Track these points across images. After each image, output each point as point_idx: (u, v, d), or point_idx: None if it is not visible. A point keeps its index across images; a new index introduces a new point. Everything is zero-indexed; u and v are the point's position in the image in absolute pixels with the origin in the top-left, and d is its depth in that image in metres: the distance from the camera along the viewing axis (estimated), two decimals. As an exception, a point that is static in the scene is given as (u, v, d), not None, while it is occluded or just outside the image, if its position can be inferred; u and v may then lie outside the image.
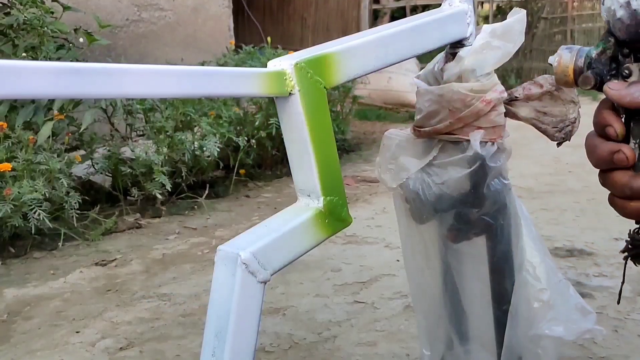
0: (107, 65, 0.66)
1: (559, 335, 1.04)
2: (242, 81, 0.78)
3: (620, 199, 0.68)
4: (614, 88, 0.66)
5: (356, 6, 8.17)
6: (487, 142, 1.03)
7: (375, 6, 9.04)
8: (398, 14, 9.25)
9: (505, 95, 1.04)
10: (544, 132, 1.08)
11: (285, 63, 0.81)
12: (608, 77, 0.69)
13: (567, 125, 1.07)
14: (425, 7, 8.03)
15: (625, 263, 0.74)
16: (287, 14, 8.37)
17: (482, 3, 9.80)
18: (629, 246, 0.73)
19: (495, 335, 1.13)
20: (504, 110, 1.05)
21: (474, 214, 1.06)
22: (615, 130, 0.66)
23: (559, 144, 1.07)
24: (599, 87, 0.69)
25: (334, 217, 0.86)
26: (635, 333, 1.51)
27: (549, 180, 3.30)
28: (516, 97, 1.09)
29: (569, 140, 1.07)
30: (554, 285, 1.05)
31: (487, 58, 1.03)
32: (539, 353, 1.07)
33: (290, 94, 0.81)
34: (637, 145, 0.67)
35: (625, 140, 0.68)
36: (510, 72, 8.72)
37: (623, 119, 0.68)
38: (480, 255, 1.10)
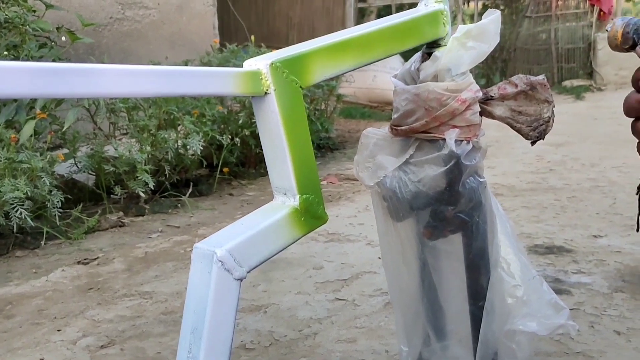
0: (82, 65, 0.67)
1: (532, 331, 1.06)
2: (218, 81, 0.79)
3: None
4: None
5: (341, 5, 8.19)
6: (462, 140, 1.05)
7: (360, 4, 9.05)
8: (384, 12, 9.26)
9: (480, 94, 1.06)
10: (518, 130, 1.10)
11: (261, 63, 0.82)
12: None
13: (542, 125, 1.09)
14: (412, 6, 8.06)
15: (639, 197, 0.86)
16: (273, 13, 8.37)
17: (469, 1, 9.84)
18: None
19: (471, 330, 1.15)
20: (479, 109, 1.07)
21: (450, 211, 1.07)
22: None
23: (533, 143, 1.09)
24: (636, 47, 0.84)
25: (310, 215, 0.87)
26: (611, 329, 1.53)
27: (531, 179, 3.33)
28: (491, 96, 1.11)
29: (543, 139, 1.09)
30: (528, 281, 1.07)
31: (462, 58, 1.05)
32: (514, 348, 1.09)
33: (266, 93, 0.82)
34: None
35: None
36: (495, 71, 8.77)
37: None
38: (457, 252, 1.12)
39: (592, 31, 7.96)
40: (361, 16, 9.07)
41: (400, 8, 8.75)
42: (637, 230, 0.93)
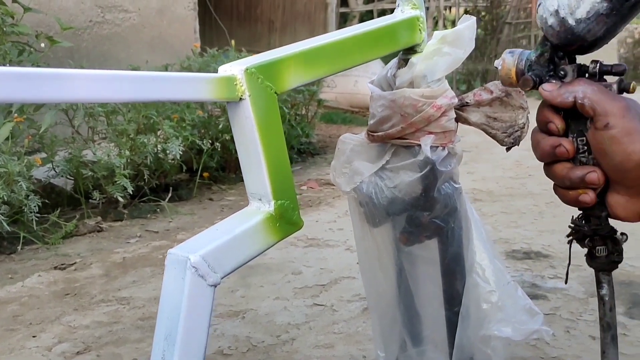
0: (55, 71, 0.66)
1: (507, 336, 1.06)
2: (193, 86, 0.79)
3: (561, 189, 0.74)
4: (547, 89, 0.72)
5: (323, 9, 8.21)
6: (437, 146, 1.05)
7: (342, 9, 9.08)
8: (367, 17, 9.30)
9: (455, 101, 1.07)
10: (493, 137, 1.11)
11: (235, 68, 0.82)
12: (547, 78, 0.75)
13: (516, 131, 1.10)
14: (394, 11, 8.07)
15: (570, 246, 0.79)
16: (255, 17, 8.37)
17: (450, 7, 9.90)
18: (572, 231, 0.78)
19: (447, 336, 1.15)
20: (455, 116, 1.08)
21: (425, 217, 1.08)
22: (556, 125, 0.72)
23: (508, 149, 1.10)
24: (538, 87, 0.75)
25: (285, 221, 0.87)
26: (587, 333, 1.54)
27: (510, 184, 3.35)
28: (467, 102, 1.12)
29: (518, 145, 1.10)
30: (503, 287, 1.08)
31: (437, 64, 1.05)
32: (489, 353, 1.09)
33: (240, 99, 0.82)
34: (574, 138, 0.72)
35: (565, 135, 0.73)
36: (476, 76, 8.82)
37: (562, 116, 0.73)
38: (433, 257, 1.13)
39: (571, 38, 8.03)
40: (343, 21, 9.11)
41: (383, 13, 8.79)
42: (566, 282, 0.91)
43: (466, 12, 9.39)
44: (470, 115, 1.12)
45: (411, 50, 1.09)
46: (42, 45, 3.02)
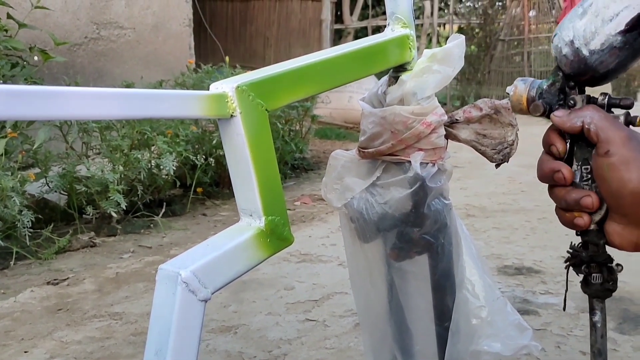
0: (48, 88, 0.67)
1: (497, 352, 1.07)
2: (185, 103, 0.80)
3: (560, 210, 0.77)
4: (558, 115, 0.76)
5: (318, 26, 8.25)
6: (427, 163, 1.06)
7: (337, 26, 9.12)
8: (362, 33, 9.35)
9: (445, 117, 1.08)
10: (483, 153, 1.12)
11: (226, 86, 0.83)
12: (556, 106, 0.78)
13: (505, 148, 1.11)
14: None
15: (567, 272, 0.81)
16: (249, 33, 8.41)
17: (444, 24, 9.96)
18: (570, 256, 0.80)
19: (437, 351, 1.16)
20: (445, 133, 1.09)
21: (416, 233, 1.09)
22: (557, 149, 0.76)
23: (497, 166, 1.11)
24: (547, 114, 0.78)
25: (276, 237, 0.88)
26: (577, 349, 1.55)
27: (503, 200, 3.37)
28: (457, 119, 1.13)
29: (507, 162, 1.11)
30: (492, 302, 1.09)
31: (427, 82, 1.07)
32: (479, 369, 1.10)
33: (232, 116, 0.83)
34: (579, 166, 0.75)
35: (569, 160, 0.76)
36: (470, 92, 8.87)
37: (568, 143, 0.76)
38: (423, 273, 1.13)
39: (563, 55, 8.09)
40: (338, 37, 9.15)
41: (377, 29, 8.84)
42: (564, 309, 0.93)
43: (460, 29, 9.46)
44: (460, 132, 1.13)
45: (401, 68, 1.10)
46: (35, 58, 3.03)
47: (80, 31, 4.37)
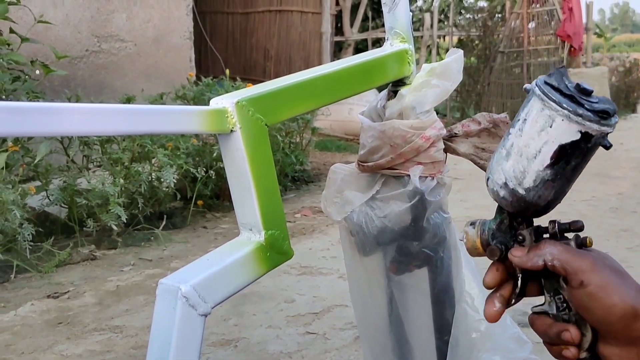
0: (48, 105, 0.68)
1: (496, 365, 1.07)
2: (185, 119, 0.80)
3: (546, 343, 0.74)
4: (517, 255, 0.73)
5: (318, 38, 8.26)
6: (426, 177, 1.07)
7: (337, 38, 9.15)
8: (362, 45, 9.37)
9: (443, 132, 1.08)
10: (481, 167, 1.12)
11: (226, 101, 0.83)
12: (512, 244, 0.75)
13: (504, 161, 1.12)
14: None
15: None
16: (250, 46, 8.42)
17: (444, 36, 9.99)
18: None
19: (437, 364, 1.16)
20: (443, 147, 1.10)
21: (415, 246, 1.09)
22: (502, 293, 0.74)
23: (496, 179, 1.11)
24: (505, 254, 0.74)
25: (275, 251, 0.88)
26: (578, 362, 1.55)
27: (503, 212, 3.36)
28: (456, 133, 1.14)
29: (506, 175, 1.11)
30: (492, 315, 1.09)
31: (426, 96, 1.07)
32: (479, 382, 1.10)
33: (231, 131, 0.83)
34: (552, 297, 0.72)
35: (521, 293, 0.73)
36: (470, 104, 8.88)
37: (520, 277, 0.73)
38: (422, 286, 1.14)
39: (563, 66, 8.12)
40: (338, 49, 9.17)
41: (377, 41, 8.86)
42: None
43: (460, 40, 9.49)
44: (459, 146, 1.13)
45: (400, 82, 1.11)
46: (37, 72, 3.05)
47: (81, 44, 4.39)
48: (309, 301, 2.06)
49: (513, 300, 0.74)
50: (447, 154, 1.13)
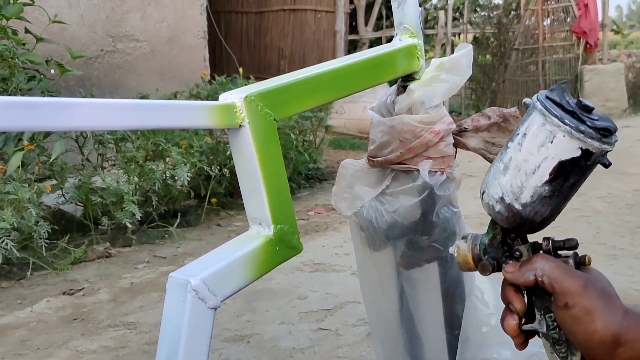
0: (61, 100, 0.69)
1: (506, 359, 1.07)
2: (194, 114, 0.81)
3: None
4: (509, 271, 0.73)
5: (332, 37, 8.27)
6: (436, 171, 1.07)
7: (351, 37, 9.15)
8: (376, 44, 9.36)
9: (453, 126, 1.08)
10: (491, 162, 1.12)
11: (235, 96, 0.84)
12: (503, 259, 0.75)
13: (514, 156, 1.11)
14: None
15: None
16: (264, 45, 8.44)
17: (459, 34, 9.95)
18: None
19: (448, 359, 1.16)
20: (453, 141, 1.10)
21: (425, 241, 1.09)
22: (516, 308, 0.73)
23: (505, 174, 1.11)
24: (497, 269, 0.75)
25: (285, 245, 0.89)
26: (591, 357, 1.54)
27: (517, 209, 3.35)
28: (465, 128, 1.13)
29: (516, 170, 1.11)
30: (502, 309, 1.09)
31: (435, 91, 1.07)
32: (489, 376, 1.10)
33: (240, 126, 0.84)
34: (542, 315, 0.72)
35: (531, 313, 0.73)
36: (485, 101, 8.84)
37: (525, 294, 0.73)
38: (432, 281, 1.14)
39: (578, 63, 8.07)
40: (352, 48, 9.16)
41: (392, 40, 8.84)
42: None
43: (475, 38, 9.45)
44: (469, 140, 1.13)
45: (410, 77, 1.11)
46: (52, 72, 3.07)
47: (96, 44, 4.42)
48: (321, 298, 2.07)
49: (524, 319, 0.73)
50: (457, 148, 1.13)
